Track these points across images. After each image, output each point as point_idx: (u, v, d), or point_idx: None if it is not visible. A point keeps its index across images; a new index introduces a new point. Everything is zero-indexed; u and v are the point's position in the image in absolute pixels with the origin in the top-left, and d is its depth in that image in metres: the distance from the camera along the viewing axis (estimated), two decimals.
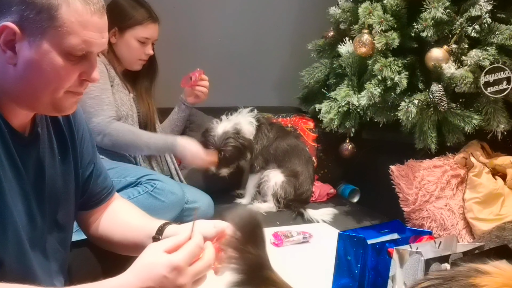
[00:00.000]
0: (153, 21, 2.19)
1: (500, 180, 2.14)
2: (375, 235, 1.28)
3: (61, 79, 0.93)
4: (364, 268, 1.20)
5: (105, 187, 1.23)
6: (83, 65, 0.94)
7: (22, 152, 0.97)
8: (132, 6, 2.16)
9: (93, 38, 0.92)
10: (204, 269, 0.96)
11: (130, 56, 2.19)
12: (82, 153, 1.15)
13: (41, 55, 0.90)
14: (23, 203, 0.97)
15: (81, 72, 0.95)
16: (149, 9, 2.19)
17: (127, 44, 2.16)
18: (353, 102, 2.23)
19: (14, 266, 0.94)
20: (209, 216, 2.10)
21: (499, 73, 2.02)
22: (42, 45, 0.89)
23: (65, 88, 0.94)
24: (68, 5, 0.89)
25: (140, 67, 2.24)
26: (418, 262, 1.10)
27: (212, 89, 2.62)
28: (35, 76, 0.91)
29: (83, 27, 0.90)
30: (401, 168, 2.19)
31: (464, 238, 2.07)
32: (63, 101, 0.96)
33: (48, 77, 0.92)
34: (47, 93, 0.93)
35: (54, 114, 1.02)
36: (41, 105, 0.96)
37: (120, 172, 1.93)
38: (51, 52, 0.90)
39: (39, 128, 1.02)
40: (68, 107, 0.99)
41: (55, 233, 1.07)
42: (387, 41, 2.10)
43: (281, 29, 2.92)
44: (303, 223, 2.20)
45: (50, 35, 0.89)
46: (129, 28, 2.15)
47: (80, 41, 0.91)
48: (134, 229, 1.18)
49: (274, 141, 2.39)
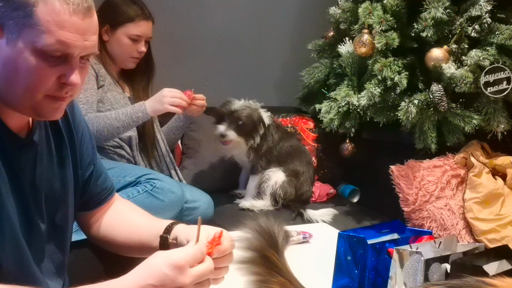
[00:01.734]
0: (145, 18, 2.17)
1: (500, 180, 2.14)
2: (375, 235, 1.28)
3: (37, 80, 0.89)
4: (364, 268, 1.19)
5: (105, 187, 1.22)
6: (62, 67, 0.90)
7: (19, 154, 0.96)
8: (125, 2, 2.15)
9: (71, 40, 0.88)
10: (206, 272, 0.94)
11: (122, 54, 2.18)
12: (82, 154, 1.15)
13: (17, 54, 0.87)
14: (20, 205, 0.96)
15: (59, 75, 0.91)
16: (141, 6, 2.18)
17: (118, 42, 2.15)
18: (353, 102, 2.23)
19: (11, 267, 0.93)
20: (209, 215, 2.10)
21: (499, 73, 2.02)
22: (17, 43, 0.87)
23: (43, 91, 0.90)
24: (45, 3, 0.86)
25: (134, 65, 2.23)
26: (418, 262, 1.09)
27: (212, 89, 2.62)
28: (12, 76, 0.89)
29: (59, 27, 0.87)
30: (401, 168, 2.19)
31: (464, 238, 2.07)
32: (43, 105, 0.92)
33: (24, 77, 0.88)
34: (26, 95, 0.90)
35: (36, 118, 0.99)
36: (22, 108, 0.92)
37: (120, 172, 1.92)
38: (26, 51, 0.87)
39: (36, 130, 1.01)
40: (49, 112, 0.94)
41: (52, 235, 1.06)
42: (387, 41, 2.10)
43: (281, 29, 2.92)
44: (303, 223, 2.20)
45: (25, 33, 0.86)
46: (120, 25, 2.14)
47: (55, 41, 0.87)
48: (139, 229, 1.18)
49: (279, 142, 2.39)
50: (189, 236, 1.06)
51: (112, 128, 1.96)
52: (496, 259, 1.09)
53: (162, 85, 2.37)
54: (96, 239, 1.23)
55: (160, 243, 1.11)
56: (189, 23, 2.74)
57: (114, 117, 1.97)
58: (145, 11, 2.18)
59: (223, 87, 2.82)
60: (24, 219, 0.97)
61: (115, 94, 2.12)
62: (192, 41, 2.75)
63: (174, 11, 2.66)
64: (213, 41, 2.81)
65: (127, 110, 2.01)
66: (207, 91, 2.56)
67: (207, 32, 2.78)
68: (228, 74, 2.86)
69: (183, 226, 1.12)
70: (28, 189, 0.99)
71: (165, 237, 1.11)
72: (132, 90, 2.27)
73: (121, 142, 2.13)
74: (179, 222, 1.15)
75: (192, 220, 2.00)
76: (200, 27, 2.77)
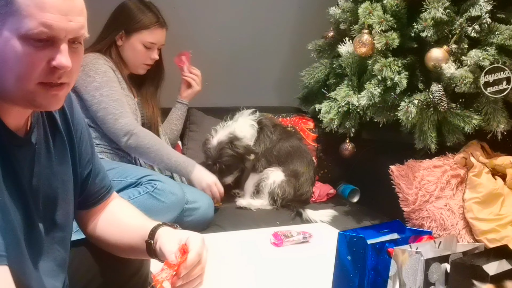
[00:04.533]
0: (160, 26, 2.18)
1: (500, 180, 2.15)
2: (375, 235, 1.28)
3: (27, 67, 0.88)
4: (364, 268, 1.20)
5: (103, 186, 1.23)
6: (50, 51, 0.89)
7: (18, 152, 0.96)
8: (141, 10, 2.16)
9: (54, 21, 0.87)
10: None
11: (135, 60, 2.19)
12: (81, 153, 1.15)
13: (3, 43, 0.86)
14: (20, 204, 0.96)
15: (48, 59, 0.89)
16: (157, 14, 2.18)
17: (132, 48, 2.16)
18: (353, 102, 2.23)
19: (11, 265, 0.94)
20: (209, 216, 2.10)
21: (499, 73, 2.02)
22: (3, 33, 0.86)
23: (34, 78, 0.89)
24: None
25: (145, 71, 2.25)
26: (418, 262, 1.10)
27: (212, 89, 2.62)
28: (2, 66, 0.88)
29: (39, 9, 0.85)
30: (401, 168, 2.19)
31: (464, 238, 2.07)
32: (38, 94, 0.91)
33: (13, 66, 0.87)
34: (18, 85, 0.89)
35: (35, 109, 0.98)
36: (18, 99, 0.92)
37: (121, 173, 1.93)
38: (12, 39, 0.86)
39: (35, 129, 1.01)
40: (46, 102, 0.93)
41: (53, 233, 1.06)
42: (387, 41, 2.10)
43: (281, 29, 2.92)
44: (302, 223, 2.20)
45: (9, 22, 0.86)
46: (135, 31, 2.14)
47: (37, 23, 0.85)
48: (130, 230, 1.18)
49: (277, 143, 2.39)
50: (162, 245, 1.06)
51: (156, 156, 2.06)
52: (496, 259, 1.09)
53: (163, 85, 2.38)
54: (92, 238, 1.23)
55: (146, 247, 1.12)
56: (189, 24, 2.74)
57: (167, 153, 2.08)
58: (160, 19, 2.19)
59: (223, 87, 2.83)
60: (24, 217, 0.97)
61: (128, 100, 2.14)
62: (192, 41, 2.75)
63: (174, 11, 2.66)
64: (213, 41, 2.81)
65: (179, 159, 2.10)
66: (207, 91, 2.57)
67: (207, 32, 2.78)
68: (228, 74, 2.86)
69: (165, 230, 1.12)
70: (28, 188, 0.99)
71: (149, 242, 1.11)
72: (140, 95, 2.28)
73: None
74: (165, 224, 1.14)
75: (192, 221, 2.01)
76: (200, 28, 2.77)
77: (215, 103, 2.49)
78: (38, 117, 1.03)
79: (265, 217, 2.22)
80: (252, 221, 2.16)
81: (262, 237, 1.92)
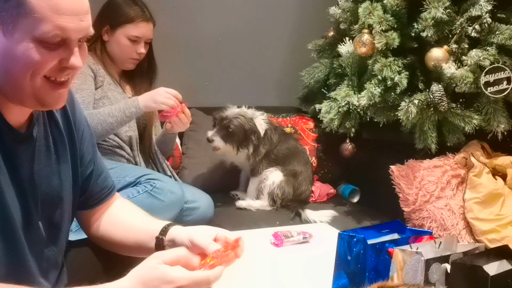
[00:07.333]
0: (145, 20, 2.16)
1: (500, 180, 2.14)
2: (375, 235, 1.28)
3: (38, 67, 0.89)
4: (364, 268, 1.19)
5: (105, 186, 1.23)
6: (62, 51, 0.90)
7: (17, 148, 0.97)
8: (126, 3, 2.14)
9: (69, 23, 0.87)
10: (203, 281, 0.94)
11: (121, 55, 2.17)
12: (83, 152, 1.15)
13: (15, 44, 0.86)
14: (20, 200, 0.97)
15: (60, 59, 0.90)
16: (142, 8, 2.17)
17: (117, 42, 2.14)
18: (353, 102, 2.22)
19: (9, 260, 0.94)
20: (209, 216, 2.10)
21: (499, 73, 2.02)
22: (14, 34, 0.86)
23: (42, 73, 0.90)
24: None
25: (133, 66, 2.23)
26: (418, 262, 1.09)
27: (212, 89, 2.62)
28: (12, 66, 0.88)
29: (55, 11, 0.85)
30: (401, 168, 2.19)
31: (464, 238, 2.07)
32: (44, 91, 0.92)
33: (25, 65, 0.88)
34: (27, 82, 0.89)
35: (40, 108, 0.99)
36: (25, 97, 0.92)
37: (120, 172, 1.93)
38: (24, 41, 0.86)
39: (35, 126, 1.01)
40: (52, 100, 0.94)
41: (48, 231, 1.07)
42: (387, 41, 2.10)
43: (281, 29, 2.92)
44: (301, 223, 2.20)
45: (21, 23, 0.85)
46: (119, 25, 2.13)
47: (53, 27, 0.86)
48: (136, 229, 1.18)
49: (277, 145, 2.39)
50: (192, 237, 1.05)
51: (106, 124, 1.95)
52: (496, 259, 1.09)
53: (162, 85, 2.37)
54: (95, 238, 1.23)
55: (156, 244, 1.12)
56: (189, 23, 2.74)
57: (107, 113, 1.96)
58: (146, 12, 2.17)
59: (223, 87, 2.83)
60: (23, 213, 0.98)
61: (115, 94, 2.12)
62: (192, 41, 2.75)
63: (174, 11, 2.66)
64: (213, 41, 2.81)
65: (120, 105, 2.00)
66: (207, 91, 2.58)
67: (207, 32, 2.78)
68: (228, 74, 2.86)
69: (180, 228, 1.12)
70: (27, 184, 0.99)
71: (160, 239, 1.11)
72: (134, 91, 2.27)
73: (121, 143, 2.13)
74: (176, 224, 1.14)
75: (192, 220, 2.00)
76: (200, 27, 2.77)
77: (215, 103, 2.49)
78: (39, 115, 1.03)
79: (265, 217, 2.22)
80: (252, 221, 2.16)
81: (262, 237, 1.91)
